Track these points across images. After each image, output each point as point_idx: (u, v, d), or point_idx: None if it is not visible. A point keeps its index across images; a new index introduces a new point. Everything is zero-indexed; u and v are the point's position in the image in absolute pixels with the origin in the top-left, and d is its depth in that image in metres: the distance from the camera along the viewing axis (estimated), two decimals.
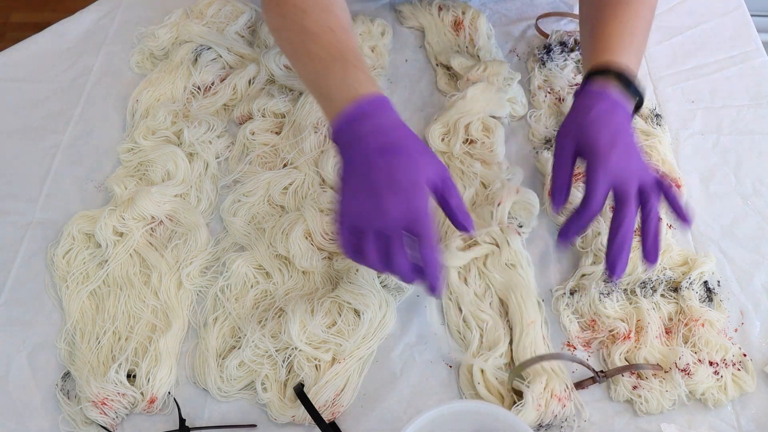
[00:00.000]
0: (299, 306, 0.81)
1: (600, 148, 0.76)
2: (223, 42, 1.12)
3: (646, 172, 0.77)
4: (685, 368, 0.77)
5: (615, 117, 0.80)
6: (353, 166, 0.74)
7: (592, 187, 0.76)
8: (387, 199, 0.70)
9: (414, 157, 0.73)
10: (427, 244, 0.71)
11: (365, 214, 0.71)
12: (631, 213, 0.75)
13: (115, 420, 0.78)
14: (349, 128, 0.75)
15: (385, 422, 0.77)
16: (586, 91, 0.83)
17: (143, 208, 0.91)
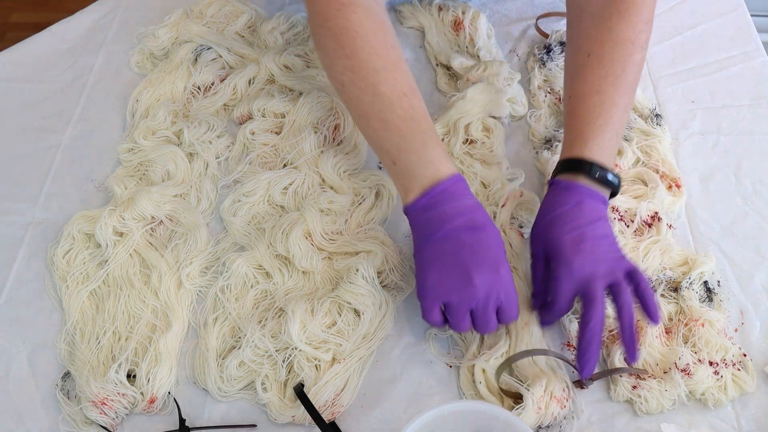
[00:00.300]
0: (299, 306, 0.81)
1: (563, 254, 0.76)
2: (223, 42, 1.12)
3: (614, 269, 0.76)
4: (685, 368, 0.77)
5: (583, 212, 0.78)
6: (440, 244, 0.76)
7: (556, 293, 0.77)
8: (478, 276, 0.74)
9: (496, 236, 0.77)
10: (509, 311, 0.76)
11: (457, 291, 0.74)
12: (597, 314, 0.74)
13: (115, 420, 0.78)
14: (433, 207, 0.77)
15: (385, 422, 0.77)
16: (555, 186, 0.82)
17: (143, 208, 0.91)
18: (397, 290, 0.86)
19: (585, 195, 0.79)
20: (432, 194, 0.77)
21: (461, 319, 0.76)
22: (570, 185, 0.80)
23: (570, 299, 0.77)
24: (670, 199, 0.91)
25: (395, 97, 0.80)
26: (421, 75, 1.11)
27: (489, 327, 0.76)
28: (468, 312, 0.75)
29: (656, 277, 0.84)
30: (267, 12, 1.20)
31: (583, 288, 0.75)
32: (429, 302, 0.76)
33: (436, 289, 0.75)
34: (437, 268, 0.75)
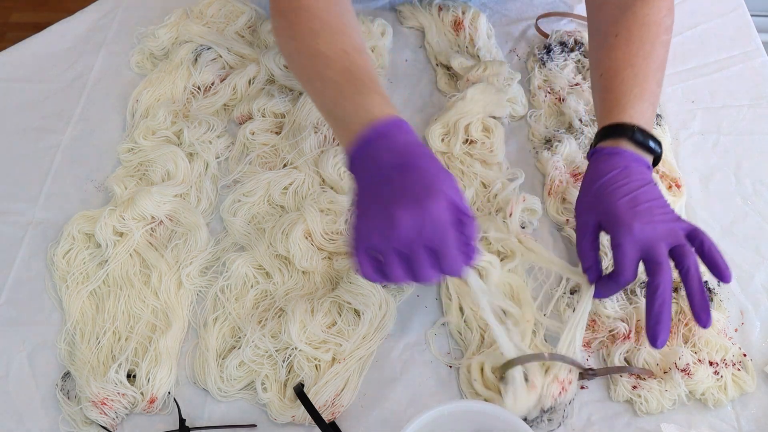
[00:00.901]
0: (299, 306, 0.81)
1: (621, 219, 0.73)
2: (223, 42, 1.12)
3: (675, 229, 0.73)
4: (685, 368, 0.77)
5: (632, 177, 0.76)
6: (367, 187, 0.70)
7: (620, 261, 0.73)
8: (401, 212, 0.65)
9: (432, 173, 0.68)
10: (447, 258, 0.67)
11: (380, 232, 0.66)
12: (665, 280, 0.71)
13: (115, 420, 0.78)
14: (365, 151, 0.71)
15: (385, 422, 0.77)
16: (597, 154, 0.80)
17: (143, 208, 0.91)
18: (398, 290, 0.86)
19: (630, 160, 0.77)
20: (364, 138, 0.71)
21: (390, 263, 0.66)
22: (614, 151, 0.78)
23: (635, 266, 0.73)
24: (670, 199, 0.91)
25: (333, 54, 0.78)
26: (421, 75, 1.11)
27: (424, 274, 0.67)
28: (396, 255, 0.66)
29: None
30: (267, 12, 1.20)
31: (646, 252, 0.72)
32: (355, 249, 0.68)
33: (361, 233, 0.68)
34: (364, 214, 0.68)
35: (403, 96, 1.08)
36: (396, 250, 0.66)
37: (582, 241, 0.78)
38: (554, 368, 0.75)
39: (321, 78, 0.79)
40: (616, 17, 0.87)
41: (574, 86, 1.04)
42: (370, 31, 1.13)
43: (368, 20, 1.14)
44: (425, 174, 0.67)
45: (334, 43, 0.79)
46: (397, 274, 0.67)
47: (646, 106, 0.81)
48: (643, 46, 0.84)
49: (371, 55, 0.81)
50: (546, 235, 0.91)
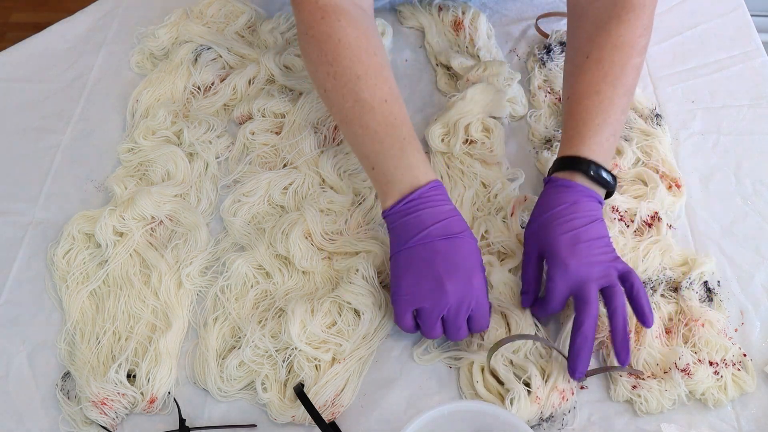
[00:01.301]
0: (299, 306, 0.81)
1: (558, 255, 0.76)
2: (223, 42, 1.12)
3: (608, 271, 0.76)
4: (685, 368, 0.76)
5: (578, 213, 0.78)
6: (415, 250, 0.77)
7: (550, 292, 0.77)
8: (450, 284, 0.74)
9: (472, 245, 0.78)
10: (480, 320, 0.77)
11: (430, 298, 0.75)
12: (590, 317, 0.74)
13: (115, 420, 0.78)
14: (410, 212, 0.78)
15: (385, 422, 0.77)
16: (551, 184, 0.82)
17: (143, 208, 0.91)
18: None
19: (581, 194, 0.79)
20: (409, 200, 0.78)
21: (432, 325, 0.77)
22: (566, 183, 0.80)
23: (563, 299, 0.77)
24: (670, 199, 0.91)
25: (375, 103, 0.81)
26: (421, 75, 1.11)
27: (459, 334, 0.77)
28: (439, 319, 0.76)
29: (656, 277, 0.84)
30: (267, 12, 1.20)
31: (576, 290, 0.76)
32: (402, 308, 0.77)
33: (409, 295, 0.77)
34: (411, 274, 0.77)
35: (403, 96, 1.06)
36: (440, 315, 0.76)
37: (525, 267, 0.82)
38: (554, 377, 0.76)
39: (362, 125, 0.82)
40: (591, 35, 0.87)
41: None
42: None
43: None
44: (468, 249, 0.77)
45: (377, 92, 0.82)
46: (436, 335, 0.78)
47: (606, 136, 0.82)
48: (612, 70, 0.84)
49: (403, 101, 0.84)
50: None
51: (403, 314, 0.77)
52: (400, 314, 0.78)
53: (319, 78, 0.85)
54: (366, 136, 0.82)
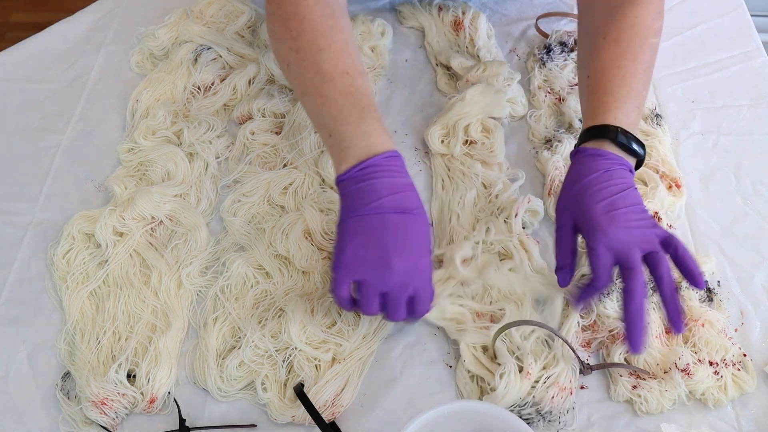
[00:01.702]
0: (299, 306, 0.81)
1: (597, 223, 0.74)
2: (223, 42, 1.12)
3: (649, 236, 0.74)
4: (685, 368, 0.77)
5: (612, 180, 0.77)
6: (365, 219, 0.74)
7: (594, 265, 0.74)
8: (398, 259, 0.72)
9: (424, 223, 0.76)
10: (422, 304, 0.76)
11: (373, 271, 0.73)
12: (639, 284, 0.72)
13: (115, 420, 0.78)
14: (364, 179, 0.75)
15: (385, 422, 0.77)
16: (580, 154, 0.80)
17: (143, 208, 0.91)
18: None
19: (613, 162, 0.78)
20: (364, 166, 0.76)
21: (371, 300, 0.74)
22: (596, 152, 0.78)
23: (610, 271, 0.74)
24: (670, 199, 0.91)
25: (337, 75, 0.80)
26: (421, 75, 1.11)
27: (398, 315, 0.75)
28: (378, 295, 0.74)
29: None
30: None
31: (621, 257, 0.73)
32: (341, 276, 0.74)
33: (352, 264, 0.73)
34: (358, 243, 0.74)
35: (403, 96, 1.08)
36: (381, 291, 0.73)
37: (560, 242, 0.79)
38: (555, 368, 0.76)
39: (322, 94, 0.81)
40: (605, 19, 0.87)
41: (574, 86, 1.04)
42: (370, 31, 1.13)
43: (368, 20, 1.14)
44: (419, 228, 0.75)
45: (339, 64, 0.81)
46: (373, 311, 0.74)
47: (631, 108, 0.81)
48: (631, 48, 0.83)
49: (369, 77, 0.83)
50: (546, 235, 0.91)
51: (341, 283, 0.74)
52: (338, 282, 0.74)
53: (283, 53, 0.85)
54: (324, 105, 0.80)
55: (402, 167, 0.78)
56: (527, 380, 0.75)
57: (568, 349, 0.78)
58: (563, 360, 0.77)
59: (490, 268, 0.85)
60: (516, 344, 0.78)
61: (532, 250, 0.87)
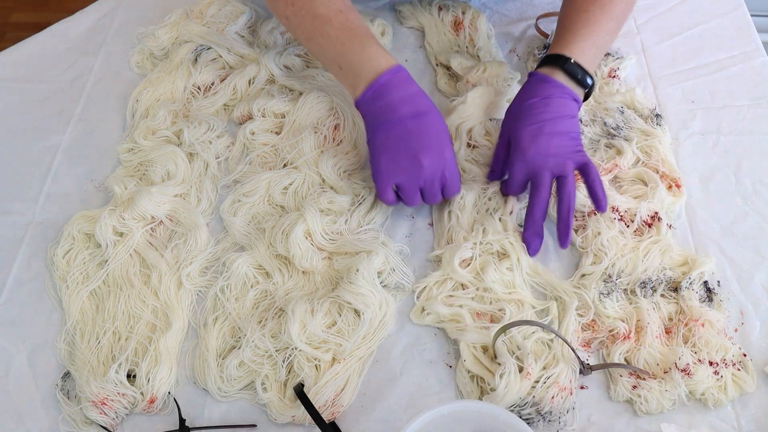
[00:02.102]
0: (299, 306, 0.81)
1: (520, 144, 0.86)
2: (223, 42, 1.12)
3: (563, 162, 0.85)
4: (685, 368, 0.77)
5: (548, 107, 0.86)
6: (389, 131, 0.85)
7: (510, 177, 0.88)
8: (425, 158, 0.84)
9: (438, 120, 0.86)
10: (453, 187, 0.88)
11: (407, 172, 0.85)
12: (541, 199, 0.85)
13: (115, 420, 0.78)
14: (379, 98, 0.86)
15: (385, 422, 0.77)
16: (530, 78, 0.90)
17: (143, 208, 0.91)
18: (397, 290, 0.86)
19: (557, 89, 0.87)
20: (376, 86, 0.86)
21: (412, 195, 0.87)
22: (544, 78, 0.88)
23: (522, 183, 0.88)
24: (670, 199, 0.91)
25: (332, 14, 0.90)
26: (421, 75, 1.11)
27: (436, 200, 0.88)
28: (418, 189, 0.86)
29: (656, 277, 0.84)
30: (267, 12, 1.20)
31: (532, 176, 0.86)
32: (383, 183, 0.86)
33: (389, 171, 0.86)
34: (389, 153, 0.85)
35: None
36: (418, 186, 0.86)
37: (496, 150, 0.92)
38: (555, 368, 0.76)
39: (323, 35, 0.91)
40: None
41: None
42: None
43: (368, 20, 1.14)
44: (437, 126, 0.86)
45: (331, 6, 0.91)
46: (416, 202, 0.88)
47: (589, 46, 0.90)
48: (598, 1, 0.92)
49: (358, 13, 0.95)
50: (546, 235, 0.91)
51: (385, 189, 0.86)
52: (382, 189, 0.87)
53: (280, 9, 0.95)
54: (329, 44, 0.90)
55: (408, 77, 0.88)
56: (527, 380, 0.75)
57: (568, 349, 0.78)
58: (563, 360, 0.77)
59: (489, 268, 0.85)
60: (516, 344, 0.78)
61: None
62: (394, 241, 0.90)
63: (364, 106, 0.88)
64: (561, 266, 0.89)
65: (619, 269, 0.85)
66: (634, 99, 1.02)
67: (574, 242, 0.89)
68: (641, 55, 1.11)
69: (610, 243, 0.86)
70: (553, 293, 0.84)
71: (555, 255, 0.89)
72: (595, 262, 0.86)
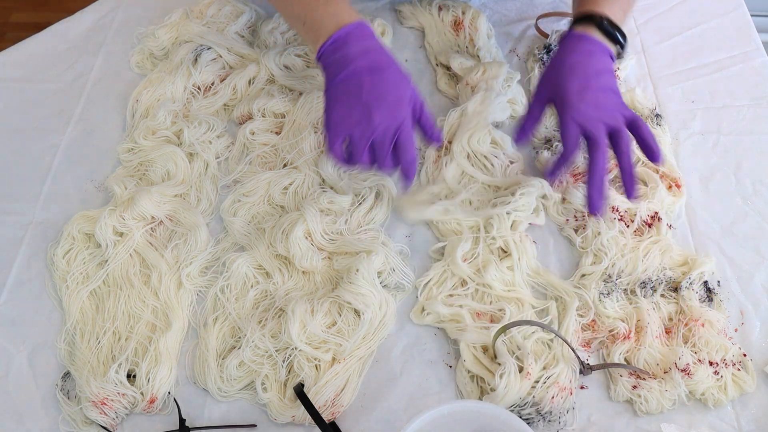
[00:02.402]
0: (299, 306, 0.81)
1: (569, 97, 0.84)
2: (223, 42, 1.12)
3: (615, 115, 0.83)
4: (685, 368, 0.77)
5: (592, 60, 0.86)
6: (344, 83, 0.83)
7: (564, 135, 0.84)
8: (377, 112, 0.81)
9: (398, 77, 0.84)
10: (406, 150, 0.83)
11: (358, 126, 0.82)
12: (602, 154, 0.82)
13: (115, 420, 0.78)
14: (338, 50, 0.85)
15: (385, 422, 0.77)
16: (568, 37, 0.89)
17: (143, 208, 0.91)
18: (397, 290, 0.86)
19: (595, 46, 0.87)
20: (336, 38, 0.85)
21: (361, 151, 0.83)
22: (582, 35, 0.88)
23: (576, 140, 0.84)
24: (670, 199, 0.91)
25: None
26: (422, 75, 1.11)
27: (386, 163, 0.84)
28: (367, 145, 0.82)
29: (656, 277, 0.84)
30: (267, 12, 1.20)
31: (586, 130, 0.83)
32: (333, 135, 0.83)
33: (339, 123, 0.83)
34: (341, 105, 0.83)
35: None
36: (368, 141, 0.82)
37: (531, 108, 0.89)
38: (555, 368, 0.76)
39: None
40: None
41: None
42: None
43: (368, 20, 1.14)
44: (394, 80, 0.84)
45: None
46: (364, 160, 0.83)
47: (617, 8, 0.90)
48: None
49: None
50: (546, 235, 0.91)
51: (334, 142, 0.83)
52: (331, 141, 0.83)
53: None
54: (296, 4, 0.91)
55: (371, 33, 0.87)
56: (527, 380, 0.75)
57: (568, 349, 0.78)
58: (563, 360, 0.77)
59: (491, 267, 0.85)
60: (516, 344, 0.78)
61: (528, 248, 0.87)
62: (394, 241, 0.90)
63: (324, 59, 0.86)
64: (561, 266, 0.89)
65: (619, 269, 0.85)
66: (634, 99, 1.02)
67: (574, 242, 0.89)
68: (641, 55, 1.11)
69: (610, 243, 0.86)
70: (553, 293, 0.85)
71: (555, 255, 0.89)
72: (595, 262, 0.86)
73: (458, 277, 0.86)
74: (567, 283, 0.85)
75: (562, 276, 0.87)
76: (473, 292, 0.85)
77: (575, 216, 0.91)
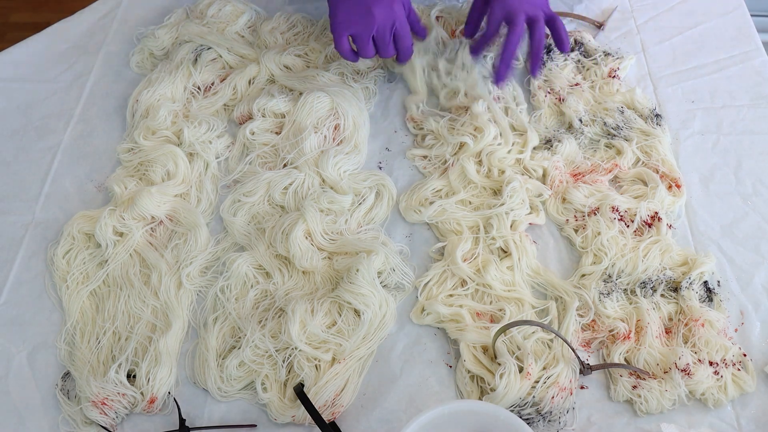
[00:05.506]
0: (299, 306, 0.81)
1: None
2: (223, 42, 1.12)
3: (536, 8, 0.96)
4: (685, 368, 0.76)
5: None
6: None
7: (489, 19, 0.99)
8: (377, 9, 0.94)
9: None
10: (405, 35, 0.98)
11: (361, 22, 0.95)
12: (516, 35, 0.95)
13: (115, 420, 0.78)
14: None
15: (385, 422, 0.77)
16: None
17: (143, 208, 0.91)
18: (397, 290, 0.86)
19: None
20: None
21: (365, 45, 0.96)
22: None
23: (498, 24, 0.98)
24: (670, 199, 0.91)
25: None
26: None
27: (388, 51, 0.98)
28: (370, 39, 0.96)
29: (656, 277, 0.84)
30: (267, 12, 1.20)
31: (508, 16, 0.96)
32: (339, 34, 0.95)
33: (344, 22, 0.95)
34: (344, 6, 0.95)
35: (403, 96, 1.08)
36: (370, 35, 0.95)
37: (471, 9, 1.04)
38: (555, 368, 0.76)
39: None
40: None
41: (574, 86, 1.04)
42: None
43: None
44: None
45: None
46: (370, 52, 0.98)
47: None
48: None
49: None
50: (546, 235, 0.91)
51: (340, 38, 0.95)
52: (338, 39, 0.95)
53: None
54: None
55: None
56: (527, 380, 0.75)
57: (568, 349, 0.78)
58: (563, 360, 0.77)
59: (491, 267, 0.85)
60: (516, 344, 0.78)
61: (528, 248, 0.87)
62: (394, 241, 0.90)
63: None
64: (561, 266, 0.89)
65: (619, 269, 0.85)
66: (634, 99, 1.02)
67: (574, 242, 0.89)
68: (641, 55, 1.11)
69: (610, 243, 0.86)
70: (553, 293, 0.85)
71: (555, 255, 0.89)
72: (595, 262, 0.86)
73: (458, 277, 0.86)
74: (567, 283, 0.85)
75: (562, 276, 0.87)
76: (473, 292, 0.85)
77: (575, 216, 0.91)
